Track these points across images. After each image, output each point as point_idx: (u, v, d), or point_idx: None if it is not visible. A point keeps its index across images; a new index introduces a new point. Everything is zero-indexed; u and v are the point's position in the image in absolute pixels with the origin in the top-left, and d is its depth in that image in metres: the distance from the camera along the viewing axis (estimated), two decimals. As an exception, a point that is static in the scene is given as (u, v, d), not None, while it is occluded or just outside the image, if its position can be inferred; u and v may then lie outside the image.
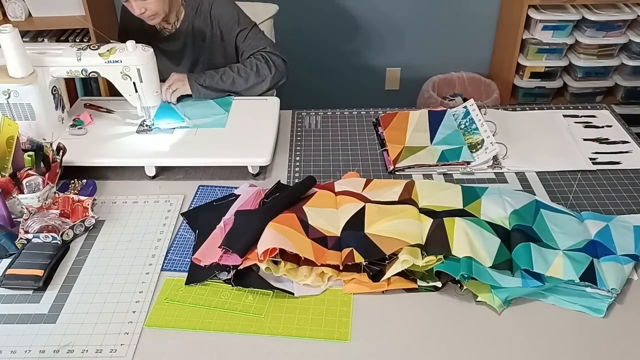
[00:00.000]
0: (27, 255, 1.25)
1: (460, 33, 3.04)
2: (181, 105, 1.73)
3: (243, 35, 1.82)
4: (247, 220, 1.27)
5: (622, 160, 1.58)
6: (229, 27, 1.82)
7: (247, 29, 1.82)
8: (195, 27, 1.82)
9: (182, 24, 1.83)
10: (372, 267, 1.18)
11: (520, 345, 1.07)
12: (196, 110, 1.70)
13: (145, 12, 1.69)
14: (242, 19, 1.84)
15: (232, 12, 1.83)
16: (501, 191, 1.37)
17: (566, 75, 2.88)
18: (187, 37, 1.84)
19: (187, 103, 1.74)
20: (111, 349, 1.07)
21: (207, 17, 1.81)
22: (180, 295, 1.18)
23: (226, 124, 1.64)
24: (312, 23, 3.00)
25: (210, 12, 1.81)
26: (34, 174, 1.36)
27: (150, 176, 1.53)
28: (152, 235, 1.33)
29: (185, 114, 1.68)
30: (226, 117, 1.67)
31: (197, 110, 1.70)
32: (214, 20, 1.81)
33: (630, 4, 2.69)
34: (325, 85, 3.18)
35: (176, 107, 1.71)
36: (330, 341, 1.08)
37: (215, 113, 1.69)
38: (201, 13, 1.81)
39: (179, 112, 1.68)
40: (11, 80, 1.48)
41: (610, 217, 1.33)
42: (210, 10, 1.81)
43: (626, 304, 1.15)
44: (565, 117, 1.78)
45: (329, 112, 1.84)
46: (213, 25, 1.82)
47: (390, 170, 1.55)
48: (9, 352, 1.07)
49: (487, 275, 1.15)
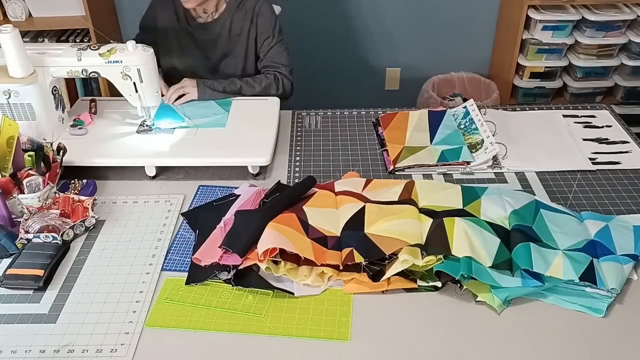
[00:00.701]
0: (27, 255, 1.25)
1: (460, 33, 3.04)
2: (181, 105, 1.73)
3: (269, 43, 1.86)
4: (247, 220, 1.27)
5: (621, 160, 1.58)
6: (264, 29, 1.86)
7: (276, 39, 1.88)
8: (235, 20, 1.86)
9: (221, 16, 1.86)
10: (372, 267, 1.18)
11: (520, 345, 1.07)
12: (196, 110, 1.71)
13: None
14: (277, 27, 1.89)
15: (272, 16, 1.89)
16: (501, 191, 1.37)
17: (566, 76, 2.88)
18: (223, 29, 1.87)
19: (187, 103, 1.74)
20: (111, 348, 1.07)
21: (249, 12, 1.85)
22: (181, 295, 1.18)
23: (226, 123, 1.64)
24: (312, 24, 3.00)
25: (254, 9, 1.85)
26: (34, 174, 1.36)
27: (150, 176, 1.54)
28: (152, 235, 1.33)
29: (185, 113, 1.68)
30: (226, 116, 1.67)
31: (197, 110, 1.71)
32: (255, 18, 1.85)
33: (630, 4, 2.69)
34: (325, 85, 3.18)
35: (176, 107, 1.71)
36: (330, 341, 1.08)
37: (216, 113, 1.69)
38: (244, 8, 1.85)
39: (178, 112, 1.68)
40: (11, 80, 1.48)
41: (610, 217, 1.33)
42: (255, 7, 1.85)
43: (626, 304, 1.15)
44: (565, 117, 1.78)
45: (329, 112, 1.84)
46: (252, 22, 1.86)
47: (390, 170, 1.55)
48: (9, 352, 1.07)
49: (487, 275, 1.15)
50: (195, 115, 1.68)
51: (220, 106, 1.73)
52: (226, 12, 1.85)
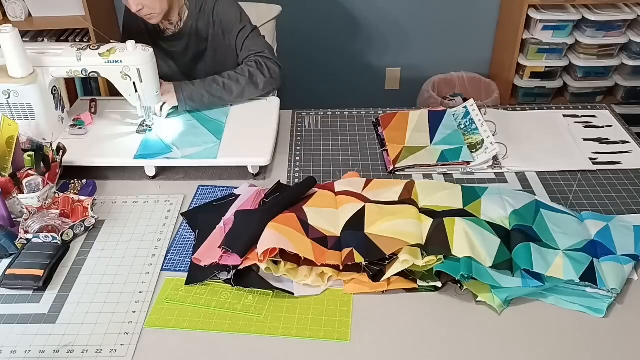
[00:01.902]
0: (27, 255, 1.25)
1: (460, 33, 3.04)
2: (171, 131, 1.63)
3: (243, 36, 1.81)
4: (247, 220, 1.27)
5: (622, 160, 1.58)
6: (230, 27, 1.81)
7: (247, 29, 1.82)
8: (199, 26, 1.82)
9: (185, 24, 1.83)
10: (372, 267, 1.18)
11: (520, 345, 1.07)
12: (186, 138, 1.60)
13: (142, 9, 1.66)
14: (244, 19, 1.83)
15: (234, 12, 1.83)
16: (501, 191, 1.37)
17: (566, 75, 2.88)
18: (190, 37, 1.84)
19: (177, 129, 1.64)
20: (111, 349, 1.07)
21: (209, 15, 1.81)
22: (180, 295, 1.18)
23: (217, 155, 1.52)
24: (313, 24, 3.00)
25: (213, 11, 1.81)
26: (34, 174, 1.36)
27: (150, 176, 1.53)
28: (152, 235, 1.33)
29: (173, 143, 1.57)
30: (218, 146, 1.55)
31: (187, 138, 1.59)
32: (216, 19, 1.81)
33: (630, 4, 2.69)
34: (325, 85, 3.18)
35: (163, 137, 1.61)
36: (330, 341, 1.08)
37: (207, 142, 1.57)
38: (204, 12, 1.81)
39: (166, 142, 1.58)
40: (11, 80, 1.48)
41: (610, 217, 1.33)
42: (213, 9, 1.81)
43: (626, 304, 1.15)
44: (565, 117, 1.78)
45: (329, 112, 1.84)
46: (215, 25, 1.82)
47: (390, 170, 1.55)
48: (9, 352, 1.07)
49: (487, 275, 1.15)
50: (184, 144, 1.56)
51: (213, 134, 1.60)
52: (189, 19, 1.81)
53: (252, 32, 1.83)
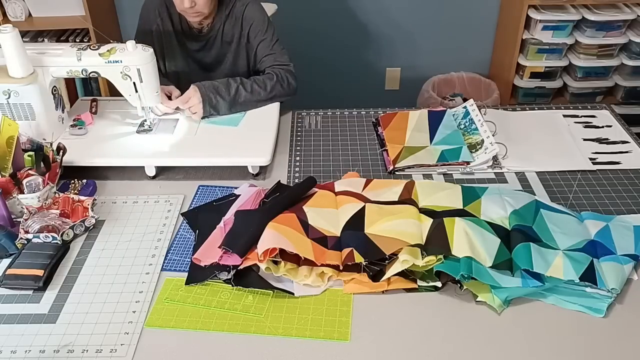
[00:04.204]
0: (27, 255, 1.25)
1: (460, 33, 3.04)
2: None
3: (267, 45, 1.83)
4: (247, 220, 1.27)
5: (622, 160, 1.58)
6: (256, 32, 1.83)
7: (272, 39, 1.84)
8: (226, 28, 1.84)
9: (213, 26, 1.84)
10: (372, 267, 1.18)
11: (520, 345, 1.07)
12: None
13: (194, 6, 1.69)
14: (270, 28, 1.85)
15: (263, 18, 1.85)
16: (501, 191, 1.37)
17: (566, 75, 2.88)
18: (215, 38, 1.86)
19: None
20: (111, 349, 1.07)
21: (238, 18, 1.83)
22: (180, 295, 1.18)
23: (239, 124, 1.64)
24: (311, 23, 3.00)
25: (243, 14, 1.83)
26: (34, 174, 1.36)
27: (150, 176, 1.53)
28: (152, 235, 1.33)
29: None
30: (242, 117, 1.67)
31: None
32: (245, 23, 1.83)
33: (630, 4, 2.69)
34: (325, 85, 3.18)
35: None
36: (330, 341, 1.08)
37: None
38: (233, 14, 1.83)
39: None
40: (11, 80, 1.48)
41: (610, 217, 1.33)
42: (244, 12, 1.83)
43: (626, 304, 1.15)
44: (565, 117, 1.78)
45: (329, 112, 1.84)
46: (243, 27, 1.83)
47: (390, 170, 1.55)
48: (9, 352, 1.07)
49: (487, 275, 1.15)
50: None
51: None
52: (218, 21, 1.83)
53: (276, 42, 1.85)
